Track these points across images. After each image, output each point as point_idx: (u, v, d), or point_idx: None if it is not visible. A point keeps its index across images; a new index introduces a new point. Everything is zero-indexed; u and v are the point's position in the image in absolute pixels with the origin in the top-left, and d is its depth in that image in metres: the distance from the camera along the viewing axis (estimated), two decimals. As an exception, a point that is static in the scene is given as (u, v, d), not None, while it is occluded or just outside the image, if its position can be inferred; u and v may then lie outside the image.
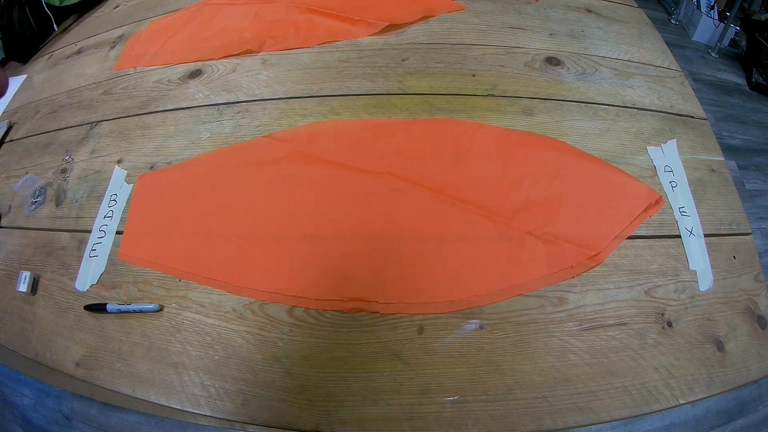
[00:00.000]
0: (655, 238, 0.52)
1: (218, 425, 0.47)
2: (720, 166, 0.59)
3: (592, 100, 0.64)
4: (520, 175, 0.56)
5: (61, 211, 0.63)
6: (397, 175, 0.57)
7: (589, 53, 0.71)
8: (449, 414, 0.44)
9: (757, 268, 0.52)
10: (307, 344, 0.48)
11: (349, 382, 0.46)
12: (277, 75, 0.71)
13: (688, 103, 0.66)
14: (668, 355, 0.46)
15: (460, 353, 0.46)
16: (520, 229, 0.52)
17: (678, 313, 0.48)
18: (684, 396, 0.45)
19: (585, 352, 0.46)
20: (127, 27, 0.90)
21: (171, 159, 0.64)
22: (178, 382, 0.48)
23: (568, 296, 0.49)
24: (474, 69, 0.69)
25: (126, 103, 0.74)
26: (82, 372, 0.51)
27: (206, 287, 0.53)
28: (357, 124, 0.63)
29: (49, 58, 0.93)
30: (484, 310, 0.48)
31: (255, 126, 0.65)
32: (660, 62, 0.71)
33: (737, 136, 1.53)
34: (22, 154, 0.73)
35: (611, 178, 0.56)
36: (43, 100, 0.81)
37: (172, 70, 0.76)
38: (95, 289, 0.55)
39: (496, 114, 0.63)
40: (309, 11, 0.78)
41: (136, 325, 0.52)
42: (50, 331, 0.54)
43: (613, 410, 0.44)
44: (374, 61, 0.71)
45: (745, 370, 0.46)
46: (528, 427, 0.43)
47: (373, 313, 0.49)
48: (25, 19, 0.95)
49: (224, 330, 0.50)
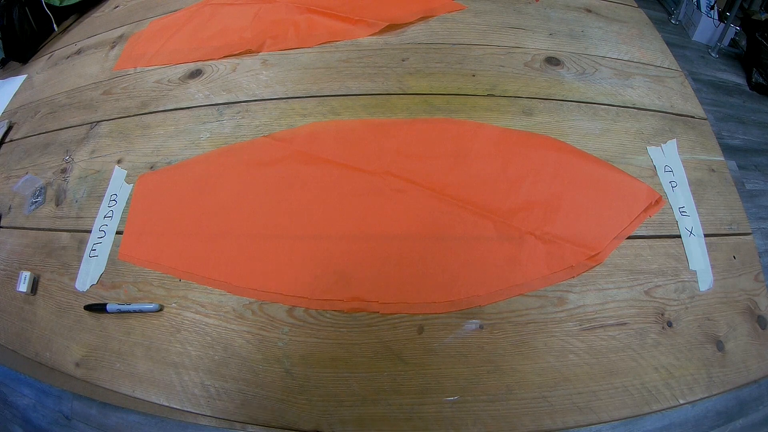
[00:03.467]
0: (655, 238, 0.52)
1: (218, 425, 0.47)
2: (720, 166, 0.59)
3: (592, 100, 0.64)
4: (520, 175, 0.56)
5: (61, 211, 0.63)
6: (397, 175, 0.57)
7: (589, 53, 0.71)
8: (449, 414, 0.44)
9: (757, 268, 0.52)
10: (307, 344, 0.48)
11: (349, 382, 0.46)
12: (277, 75, 0.71)
13: (688, 103, 0.66)
14: (668, 355, 0.46)
15: (460, 353, 0.46)
16: (520, 229, 0.52)
17: (678, 313, 0.48)
18: (684, 396, 0.45)
19: (585, 352, 0.46)
20: (127, 27, 0.90)
21: (171, 159, 0.64)
22: (178, 382, 0.48)
23: (568, 296, 0.49)
24: (474, 69, 0.68)
25: (126, 103, 0.74)
26: (82, 372, 0.51)
27: (206, 287, 0.53)
28: (357, 124, 0.63)
29: (49, 58, 0.93)
30: (484, 310, 0.48)
31: (255, 126, 0.65)
32: (660, 62, 0.71)
33: (737, 136, 1.53)
34: (22, 154, 0.73)
35: (611, 178, 0.56)
36: (43, 100, 0.81)
37: (172, 70, 0.76)
38: (95, 289, 0.55)
39: (496, 114, 0.63)
40: (309, 11, 0.78)
41: (136, 325, 0.52)
42: (50, 331, 0.54)
43: (613, 410, 0.44)
44: (374, 61, 0.71)
45: (745, 370, 0.46)
46: (528, 427, 0.43)
47: (373, 313, 0.49)
48: (25, 19, 0.95)
49: (224, 330, 0.50)
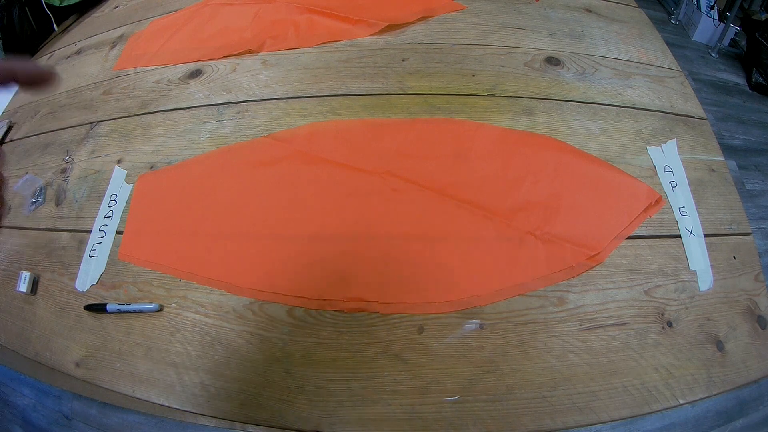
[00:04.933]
0: (655, 238, 0.52)
1: (218, 425, 0.47)
2: (720, 166, 0.59)
3: (592, 100, 0.64)
4: (520, 175, 0.56)
5: (61, 211, 0.63)
6: (397, 175, 0.57)
7: (589, 53, 0.71)
8: (449, 414, 0.44)
9: (757, 268, 0.52)
10: (307, 344, 0.48)
11: (349, 382, 0.46)
12: (277, 75, 0.71)
13: (688, 103, 0.66)
14: (668, 355, 0.46)
15: (460, 353, 0.46)
16: (520, 229, 0.52)
17: (678, 313, 0.48)
18: (684, 396, 0.45)
19: (585, 352, 0.46)
20: (127, 27, 0.90)
21: (171, 159, 0.64)
22: (178, 382, 0.48)
23: (568, 296, 0.49)
24: (474, 69, 0.68)
25: (126, 103, 0.74)
26: (82, 372, 0.51)
27: (206, 287, 0.53)
28: (357, 124, 0.63)
29: (49, 58, 0.92)
30: (484, 310, 0.48)
31: (255, 126, 0.65)
32: (660, 62, 0.71)
33: (737, 136, 1.53)
34: (22, 154, 0.73)
35: (611, 178, 0.56)
36: (43, 100, 0.81)
37: (172, 70, 0.76)
38: (95, 289, 0.55)
39: (496, 114, 0.63)
40: (309, 11, 0.78)
41: (136, 325, 0.52)
42: (50, 331, 0.54)
43: (613, 410, 0.44)
44: (374, 61, 0.71)
45: (745, 370, 0.46)
46: (528, 427, 0.43)
47: (373, 313, 0.49)
48: (25, 19, 0.95)
49: (224, 330, 0.50)
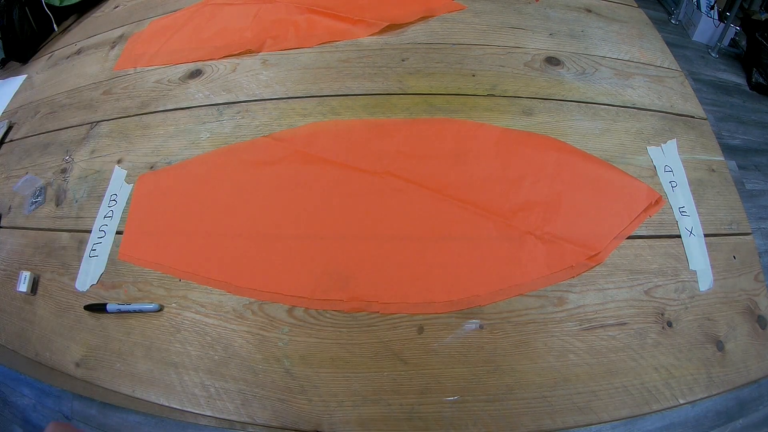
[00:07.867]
0: (655, 238, 0.52)
1: (218, 425, 0.47)
2: (720, 166, 0.59)
3: (592, 100, 0.64)
4: (520, 175, 0.56)
5: (61, 211, 0.63)
6: (397, 175, 0.57)
7: (589, 53, 0.71)
8: (449, 414, 0.44)
9: (757, 268, 0.52)
10: (307, 344, 0.48)
11: (349, 382, 0.46)
12: (277, 75, 0.71)
13: (688, 103, 0.66)
14: (668, 355, 0.46)
15: (460, 353, 0.46)
16: (520, 229, 0.52)
17: (678, 313, 0.48)
18: (684, 396, 0.45)
19: (585, 352, 0.46)
20: (127, 27, 0.90)
21: (171, 159, 0.64)
22: (178, 382, 0.48)
23: (568, 296, 0.49)
24: (474, 69, 0.68)
25: (126, 103, 0.74)
26: (82, 372, 0.51)
27: (206, 287, 0.53)
28: (357, 124, 0.63)
29: (49, 58, 0.93)
30: (484, 310, 0.48)
31: (255, 126, 0.65)
32: (660, 62, 0.71)
33: (737, 136, 1.53)
34: (22, 154, 0.73)
35: (611, 178, 0.56)
36: (43, 100, 0.81)
37: (172, 70, 0.76)
38: (95, 289, 0.55)
39: (496, 114, 0.63)
40: (309, 11, 0.78)
41: (136, 325, 0.52)
42: (50, 331, 0.54)
43: (613, 410, 0.44)
44: (374, 61, 0.71)
45: (745, 370, 0.46)
46: (528, 427, 0.43)
47: (373, 313, 0.49)
48: (25, 19, 0.95)
49: (224, 330, 0.50)
